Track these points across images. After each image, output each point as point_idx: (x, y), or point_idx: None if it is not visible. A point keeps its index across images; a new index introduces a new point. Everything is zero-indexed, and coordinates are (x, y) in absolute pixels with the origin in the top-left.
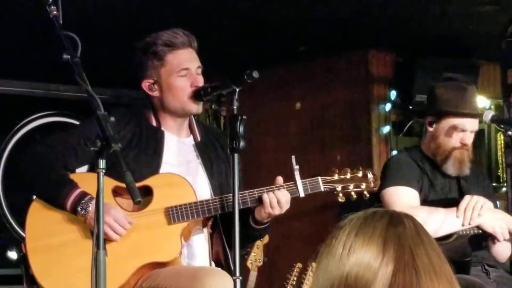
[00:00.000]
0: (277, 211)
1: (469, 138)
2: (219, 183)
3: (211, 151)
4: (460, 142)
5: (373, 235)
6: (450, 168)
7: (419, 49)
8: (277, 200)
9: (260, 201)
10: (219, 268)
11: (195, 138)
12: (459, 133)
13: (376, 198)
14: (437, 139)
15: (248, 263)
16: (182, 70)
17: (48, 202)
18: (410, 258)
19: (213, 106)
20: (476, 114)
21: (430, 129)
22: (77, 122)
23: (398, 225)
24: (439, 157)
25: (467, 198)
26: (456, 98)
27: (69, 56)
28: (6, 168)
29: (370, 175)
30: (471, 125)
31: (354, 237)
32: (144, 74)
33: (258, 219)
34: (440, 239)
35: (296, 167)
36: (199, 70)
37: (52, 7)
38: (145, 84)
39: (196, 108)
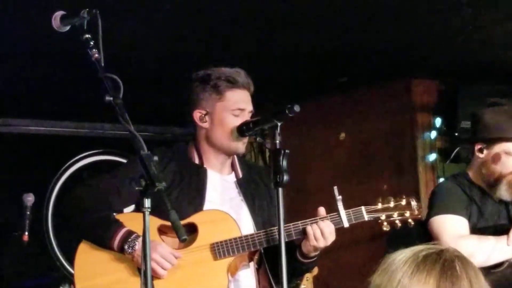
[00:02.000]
0: (321, 243)
1: None
2: (262, 219)
3: (252, 188)
4: None
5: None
6: (504, 194)
7: (462, 75)
8: (321, 231)
9: (304, 233)
10: None
11: (236, 175)
12: (511, 158)
13: (422, 225)
14: (489, 165)
15: None
16: (237, 109)
17: (96, 243)
18: None
19: (258, 139)
20: None
21: (481, 155)
22: (123, 160)
23: (451, 277)
24: (491, 183)
25: None
26: (507, 123)
27: (111, 98)
28: (56, 207)
29: (413, 203)
30: None
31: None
32: (197, 104)
33: (305, 253)
34: (491, 268)
35: (339, 197)
36: (250, 115)
37: (94, 50)
38: (196, 114)
39: (241, 145)
